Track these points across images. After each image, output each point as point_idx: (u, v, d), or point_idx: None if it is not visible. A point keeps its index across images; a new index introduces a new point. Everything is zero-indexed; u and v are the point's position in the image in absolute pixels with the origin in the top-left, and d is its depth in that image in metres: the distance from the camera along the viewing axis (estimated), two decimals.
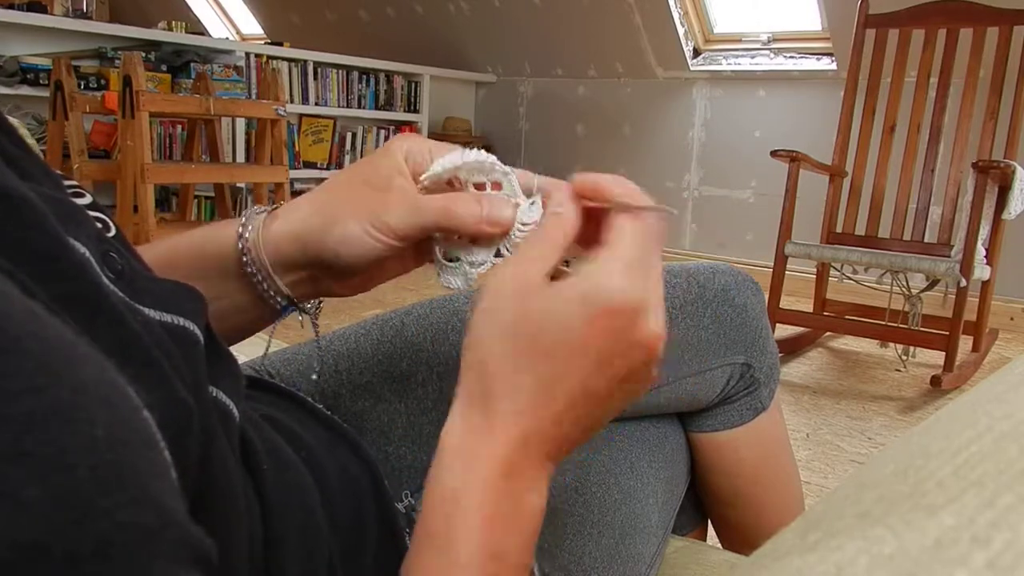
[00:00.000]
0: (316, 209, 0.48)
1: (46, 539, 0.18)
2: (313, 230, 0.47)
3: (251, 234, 0.48)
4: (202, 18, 6.36)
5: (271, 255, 0.48)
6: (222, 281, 0.50)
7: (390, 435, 0.64)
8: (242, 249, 0.48)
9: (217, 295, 0.49)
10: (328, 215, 0.47)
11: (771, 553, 0.23)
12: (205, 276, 0.49)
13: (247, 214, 0.49)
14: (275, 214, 0.49)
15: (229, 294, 0.50)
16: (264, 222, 0.49)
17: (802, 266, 3.19)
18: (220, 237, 0.49)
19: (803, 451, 1.88)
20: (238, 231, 0.49)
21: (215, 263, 0.49)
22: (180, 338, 0.34)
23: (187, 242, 0.50)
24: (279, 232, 0.48)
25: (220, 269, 0.49)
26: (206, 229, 0.51)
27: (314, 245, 0.47)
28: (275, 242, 0.48)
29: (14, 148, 0.34)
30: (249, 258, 0.48)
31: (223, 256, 0.49)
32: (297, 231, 0.48)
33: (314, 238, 0.47)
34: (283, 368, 0.66)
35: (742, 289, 0.70)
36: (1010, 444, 0.22)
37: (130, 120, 2.73)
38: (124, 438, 0.21)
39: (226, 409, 0.38)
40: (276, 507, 0.40)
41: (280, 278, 0.49)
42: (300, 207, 0.49)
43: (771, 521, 0.76)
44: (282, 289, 0.49)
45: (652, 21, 4.01)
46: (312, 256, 0.47)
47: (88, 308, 0.27)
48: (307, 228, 0.47)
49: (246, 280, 0.49)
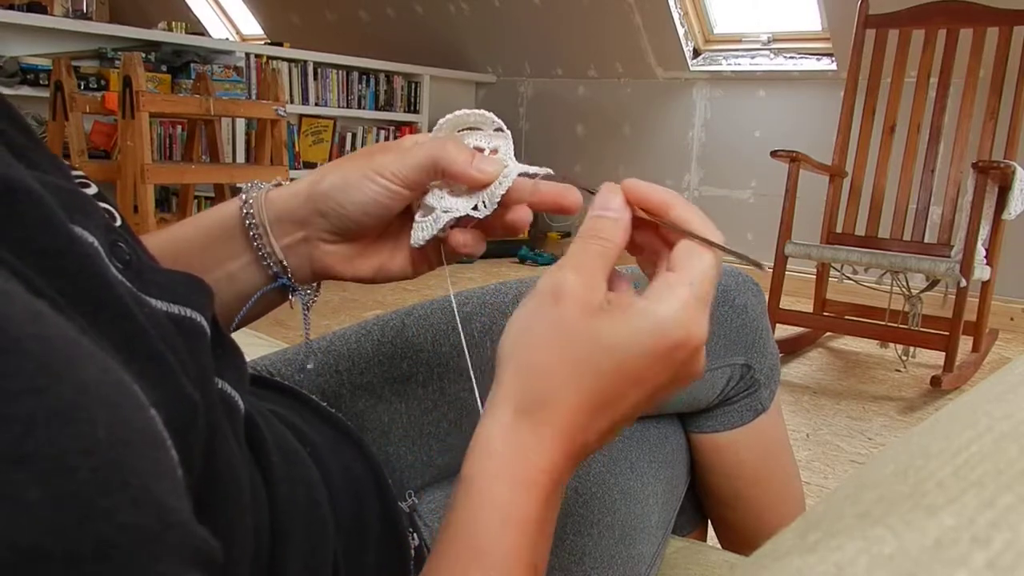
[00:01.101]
0: (320, 169, 0.50)
1: (47, 541, 0.18)
2: (313, 181, 0.49)
3: (254, 192, 0.51)
4: (202, 18, 6.36)
5: (271, 211, 0.50)
6: (221, 242, 0.51)
7: (391, 435, 0.64)
8: (244, 202, 0.50)
9: (215, 261, 0.50)
10: (330, 168, 0.49)
11: (771, 553, 0.23)
12: (205, 242, 0.51)
13: (251, 183, 0.52)
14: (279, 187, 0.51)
15: (227, 258, 0.51)
16: (268, 188, 0.51)
17: (802, 266, 3.19)
18: (223, 206, 0.52)
19: (803, 451, 1.88)
20: (242, 193, 0.51)
21: (217, 225, 0.51)
22: (187, 329, 0.34)
23: (189, 220, 0.53)
24: (281, 191, 0.50)
25: (221, 229, 0.51)
26: (208, 209, 0.53)
27: (314, 194, 0.49)
28: (276, 199, 0.50)
29: (22, 137, 0.34)
30: (249, 211, 0.50)
31: (225, 217, 0.51)
32: (298, 186, 0.50)
33: (315, 187, 0.49)
34: (284, 368, 0.66)
35: (743, 290, 0.70)
36: (1010, 444, 0.22)
37: (130, 120, 2.73)
38: (126, 438, 0.21)
39: (232, 401, 0.38)
40: (284, 500, 0.40)
41: (277, 239, 0.50)
42: (313, 172, 0.51)
43: (771, 522, 0.76)
44: (276, 251, 0.50)
45: (652, 21, 4.01)
46: (312, 206, 0.49)
47: (93, 303, 0.27)
48: (308, 181, 0.49)
49: (245, 239, 0.50)
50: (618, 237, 0.40)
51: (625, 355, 0.36)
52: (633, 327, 0.36)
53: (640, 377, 0.37)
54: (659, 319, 0.36)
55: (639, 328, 0.36)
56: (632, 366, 0.36)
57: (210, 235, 0.51)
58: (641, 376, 0.37)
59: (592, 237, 0.40)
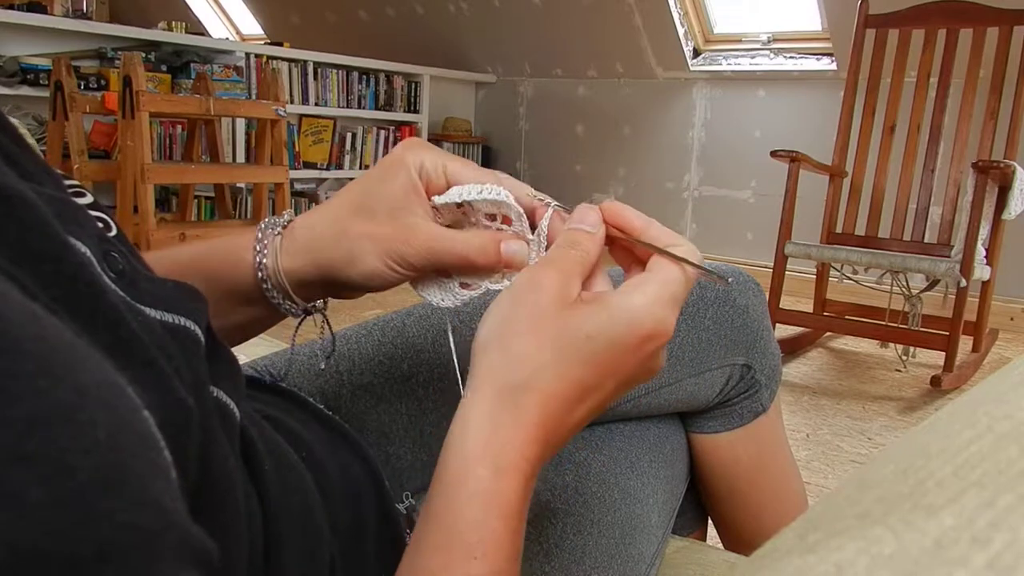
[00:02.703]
0: (335, 238, 0.47)
1: (47, 541, 0.18)
2: (333, 264, 0.47)
3: (269, 260, 0.48)
4: (202, 18, 6.36)
5: (290, 279, 0.48)
6: (239, 306, 0.50)
7: (391, 436, 0.64)
8: (262, 278, 0.48)
9: (233, 314, 0.50)
10: (348, 250, 0.46)
11: (771, 553, 0.23)
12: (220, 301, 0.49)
13: (260, 233, 0.49)
14: (291, 233, 0.48)
15: (245, 314, 0.51)
16: (281, 245, 0.48)
17: (802, 266, 3.19)
18: (233, 264, 0.49)
19: (803, 451, 1.88)
20: (255, 260, 0.48)
21: (230, 291, 0.49)
22: (181, 338, 0.34)
23: (198, 266, 0.49)
24: (299, 261, 0.48)
25: (237, 296, 0.49)
26: (210, 253, 0.50)
27: (333, 273, 0.47)
28: (294, 268, 0.48)
29: (14, 147, 0.34)
30: (270, 284, 0.48)
31: (240, 282, 0.49)
32: (317, 260, 0.47)
33: (334, 269, 0.47)
34: (284, 369, 0.66)
35: (743, 290, 0.70)
36: (1010, 444, 0.22)
37: (130, 120, 2.73)
38: (125, 439, 0.21)
39: (226, 409, 0.38)
40: (277, 508, 0.40)
41: (296, 294, 0.49)
42: (316, 228, 0.48)
43: (770, 522, 0.76)
44: (300, 304, 0.50)
45: (652, 21, 4.01)
46: (329, 279, 0.48)
47: (88, 309, 0.27)
48: (326, 260, 0.47)
49: (265, 301, 0.49)
50: (593, 249, 0.41)
51: (603, 344, 0.37)
52: (610, 317, 0.38)
53: (615, 367, 0.38)
54: (634, 310, 0.38)
55: (615, 318, 0.38)
56: (609, 356, 0.38)
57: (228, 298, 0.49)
58: (616, 366, 0.38)
59: (569, 245, 0.41)
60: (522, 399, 0.37)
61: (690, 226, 4.22)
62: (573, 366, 0.37)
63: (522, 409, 0.36)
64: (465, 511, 0.35)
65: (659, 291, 0.39)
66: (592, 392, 0.38)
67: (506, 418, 0.36)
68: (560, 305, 0.38)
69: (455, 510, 0.35)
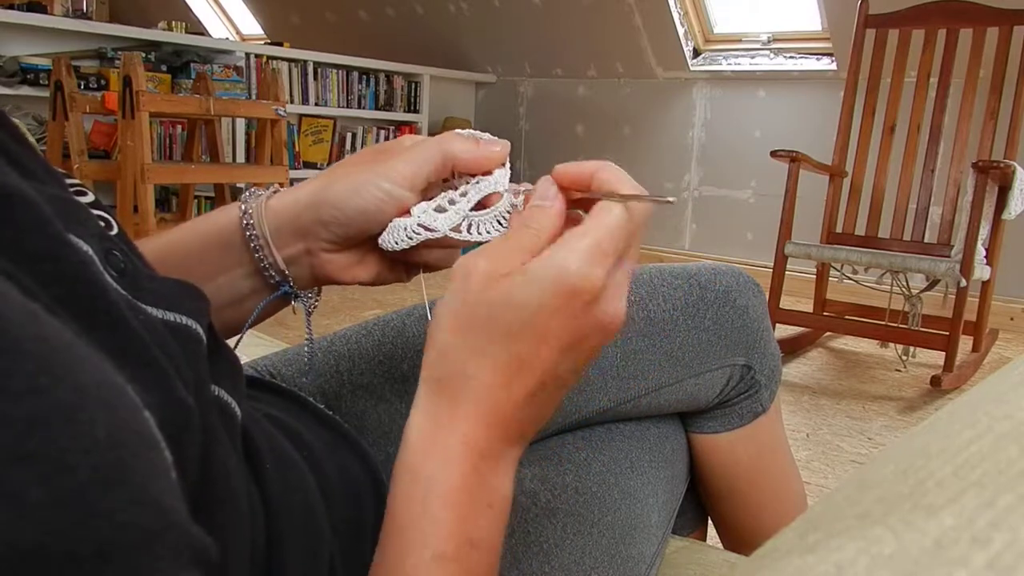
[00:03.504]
0: (322, 175, 0.49)
1: (47, 541, 0.18)
2: (317, 189, 0.48)
3: (253, 201, 0.49)
4: (202, 18, 6.36)
5: (271, 221, 0.49)
6: (220, 252, 0.50)
7: (391, 436, 0.64)
8: (243, 212, 0.49)
9: (215, 270, 0.50)
10: (335, 176, 0.48)
11: (771, 553, 0.23)
12: (204, 250, 0.50)
13: (250, 191, 0.51)
14: (278, 193, 0.50)
15: (227, 268, 0.50)
16: (268, 196, 0.50)
17: (802, 266, 3.19)
18: (221, 213, 0.50)
19: (803, 451, 1.88)
20: (240, 202, 0.50)
21: (215, 234, 0.50)
22: (182, 336, 0.34)
23: (187, 225, 0.51)
24: (282, 199, 0.49)
25: (220, 239, 0.50)
26: (206, 214, 0.52)
27: (317, 203, 0.48)
28: (277, 208, 0.49)
29: (16, 146, 0.34)
30: (249, 222, 0.49)
31: (224, 226, 0.50)
32: (299, 194, 0.49)
33: (318, 196, 0.48)
34: (284, 368, 0.66)
35: (744, 291, 0.70)
36: (1010, 444, 0.22)
37: (130, 120, 2.73)
38: (124, 439, 0.21)
39: (228, 408, 0.38)
40: (278, 506, 0.40)
41: (278, 250, 0.49)
42: (306, 181, 0.50)
43: (770, 522, 0.76)
44: (278, 261, 0.49)
45: (652, 21, 4.01)
46: (314, 215, 0.48)
47: (88, 309, 0.27)
48: (311, 189, 0.48)
49: (245, 251, 0.49)
50: (547, 224, 0.40)
51: (517, 309, 0.36)
52: (530, 280, 0.37)
53: (543, 332, 0.37)
54: (548, 270, 0.36)
55: (536, 279, 0.36)
56: (526, 319, 0.36)
57: (209, 244, 0.50)
58: (544, 331, 0.37)
59: (521, 227, 0.40)
60: (454, 387, 0.37)
61: (690, 226, 4.22)
62: (494, 341, 0.37)
63: (456, 397, 0.37)
64: (411, 502, 0.36)
65: (580, 245, 0.37)
66: (526, 364, 0.37)
67: (441, 410, 0.37)
68: (485, 286, 0.37)
69: (403, 502, 0.37)
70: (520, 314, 0.36)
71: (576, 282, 0.36)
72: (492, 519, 0.38)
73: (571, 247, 0.37)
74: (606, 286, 0.37)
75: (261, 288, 0.51)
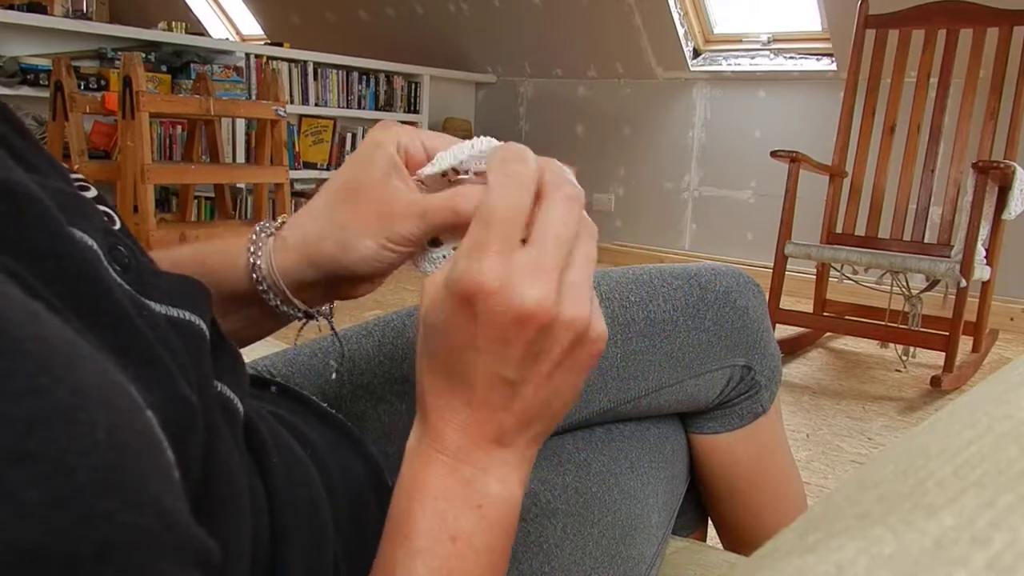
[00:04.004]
0: (325, 230, 0.47)
1: (46, 541, 0.18)
2: (327, 256, 0.47)
3: (263, 262, 0.48)
4: (202, 19, 6.36)
5: (286, 279, 0.48)
6: (238, 309, 0.50)
7: (391, 436, 0.64)
8: (257, 279, 0.48)
9: (233, 319, 0.50)
10: (339, 239, 0.46)
11: (771, 553, 0.23)
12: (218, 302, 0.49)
13: (253, 237, 0.49)
14: (283, 235, 0.49)
15: (246, 317, 0.51)
16: (274, 246, 0.48)
17: (802, 266, 3.19)
18: (229, 266, 0.49)
19: (803, 451, 1.88)
20: (249, 261, 0.48)
21: (229, 294, 0.49)
22: (186, 333, 0.34)
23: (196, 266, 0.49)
24: (292, 260, 0.48)
25: (235, 300, 0.49)
26: (208, 254, 0.50)
27: (330, 267, 0.47)
28: (289, 269, 0.48)
29: (20, 141, 0.33)
30: (265, 286, 0.48)
31: (236, 287, 0.49)
32: (311, 256, 0.47)
33: (330, 262, 0.47)
34: (285, 369, 0.66)
35: (744, 291, 0.70)
36: (1010, 444, 0.22)
37: (130, 121, 2.73)
38: (125, 439, 0.21)
39: (231, 404, 0.38)
40: (284, 501, 0.40)
41: (296, 296, 0.49)
42: (306, 226, 0.48)
43: (770, 523, 0.76)
44: (300, 307, 0.50)
45: (652, 21, 4.01)
46: (328, 275, 0.48)
47: (91, 307, 0.27)
48: (320, 253, 0.47)
49: (263, 304, 0.49)
50: None
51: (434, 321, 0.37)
52: (431, 293, 0.38)
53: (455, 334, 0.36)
54: (430, 285, 0.38)
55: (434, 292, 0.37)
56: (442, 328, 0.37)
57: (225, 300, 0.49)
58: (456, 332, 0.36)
59: None
60: (421, 407, 0.40)
61: (690, 226, 4.21)
62: (430, 359, 0.39)
63: (421, 408, 0.40)
64: (396, 501, 0.39)
65: (467, 244, 0.35)
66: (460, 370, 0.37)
67: (418, 423, 0.41)
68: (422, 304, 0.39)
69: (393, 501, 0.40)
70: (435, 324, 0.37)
71: (465, 287, 0.35)
72: (480, 518, 0.38)
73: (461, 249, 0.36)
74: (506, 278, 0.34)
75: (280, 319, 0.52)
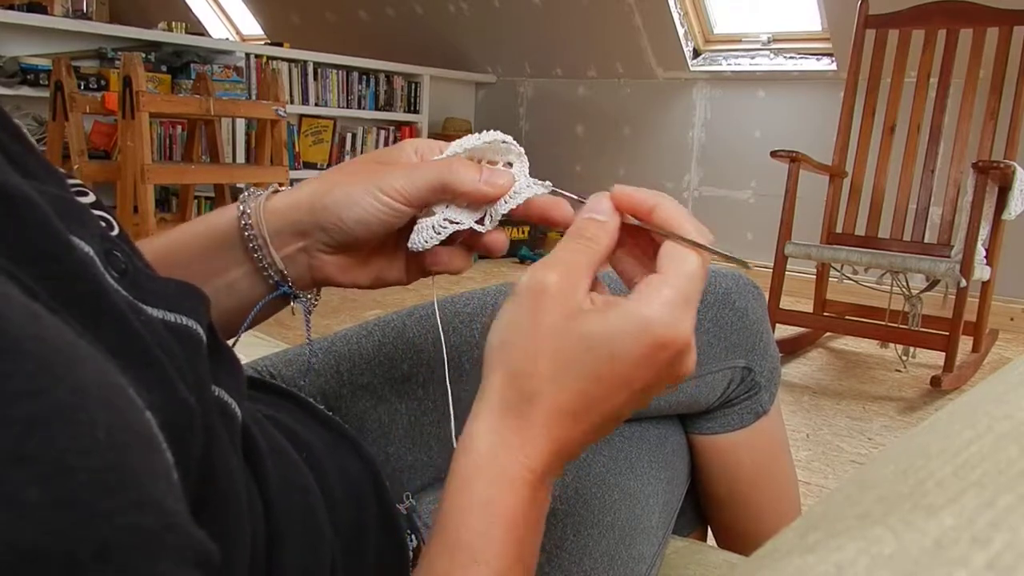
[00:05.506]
0: (321, 180, 0.49)
1: (46, 542, 0.18)
2: (316, 194, 0.48)
3: (252, 202, 0.50)
4: (202, 19, 6.36)
5: (270, 223, 0.49)
6: (219, 252, 0.50)
7: (391, 436, 0.64)
8: (241, 213, 0.49)
9: (215, 270, 0.50)
10: (333, 181, 0.48)
11: (771, 553, 0.23)
12: (204, 251, 0.50)
13: (248, 191, 0.51)
14: (284, 188, 0.51)
15: (226, 268, 0.50)
16: (267, 196, 0.50)
17: (802, 266, 3.19)
18: (220, 214, 0.51)
19: (803, 451, 1.88)
20: (239, 202, 0.50)
21: (214, 235, 0.50)
22: (183, 337, 0.34)
23: (186, 226, 0.52)
24: (281, 201, 0.49)
25: (219, 240, 0.50)
26: (205, 215, 0.52)
27: (316, 208, 0.48)
28: (276, 210, 0.49)
29: (16, 146, 0.33)
30: (247, 223, 0.49)
31: (222, 227, 0.50)
32: (299, 197, 0.49)
33: (317, 201, 0.48)
34: (284, 369, 0.66)
35: (743, 293, 0.70)
36: (1010, 444, 0.22)
37: (130, 121, 2.73)
38: (125, 440, 0.21)
39: (228, 408, 0.38)
40: (279, 507, 0.40)
41: (277, 250, 0.49)
42: (304, 183, 0.50)
43: (769, 523, 0.76)
44: (277, 261, 0.49)
45: (652, 21, 4.01)
46: (313, 220, 0.48)
47: (89, 308, 0.27)
48: (310, 192, 0.48)
49: (244, 251, 0.50)
50: (604, 239, 0.40)
51: (609, 358, 0.36)
52: (617, 328, 0.36)
53: (626, 379, 0.37)
54: (642, 320, 0.36)
55: (623, 330, 0.36)
56: (617, 369, 0.37)
57: (208, 244, 0.50)
58: (627, 378, 0.37)
59: (578, 237, 0.40)
60: (526, 411, 0.37)
61: None
62: (576, 379, 0.37)
63: (526, 422, 0.37)
64: (469, 519, 0.36)
65: (670, 295, 0.37)
66: (600, 404, 0.37)
67: (510, 431, 0.37)
68: (563, 314, 0.37)
69: (459, 518, 0.36)
70: (604, 358, 0.36)
71: (666, 333, 0.36)
72: (539, 537, 0.38)
73: (665, 297, 0.37)
74: (690, 337, 0.37)
75: (260, 288, 0.51)
